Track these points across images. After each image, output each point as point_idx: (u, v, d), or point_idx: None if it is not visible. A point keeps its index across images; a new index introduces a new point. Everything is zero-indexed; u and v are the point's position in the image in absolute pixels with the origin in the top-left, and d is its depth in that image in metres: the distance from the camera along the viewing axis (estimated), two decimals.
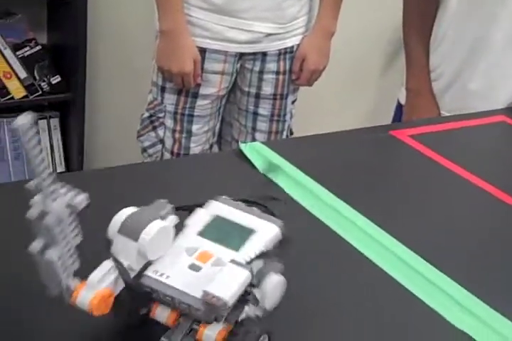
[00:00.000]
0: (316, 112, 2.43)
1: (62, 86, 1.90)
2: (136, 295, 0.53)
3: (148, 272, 0.52)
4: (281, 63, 1.68)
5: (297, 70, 1.71)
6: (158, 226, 0.51)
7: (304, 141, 1.10)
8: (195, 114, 1.66)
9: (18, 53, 1.84)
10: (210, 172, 0.93)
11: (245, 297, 0.52)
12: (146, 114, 1.71)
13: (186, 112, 1.66)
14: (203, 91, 1.63)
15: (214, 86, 1.64)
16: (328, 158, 1.02)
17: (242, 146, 0.99)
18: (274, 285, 0.53)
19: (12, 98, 1.85)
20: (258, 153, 0.98)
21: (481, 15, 1.41)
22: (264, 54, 1.65)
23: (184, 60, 1.55)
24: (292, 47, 1.68)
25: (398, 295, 0.71)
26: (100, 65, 2.06)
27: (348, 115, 2.53)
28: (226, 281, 0.50)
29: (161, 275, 0.52)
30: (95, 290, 0.50)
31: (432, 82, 1.55)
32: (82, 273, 0.52)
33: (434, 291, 0.72)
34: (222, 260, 0.53)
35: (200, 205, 0.59)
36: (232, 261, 0.52)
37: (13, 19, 1.83)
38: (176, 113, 1.66)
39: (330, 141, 1.08)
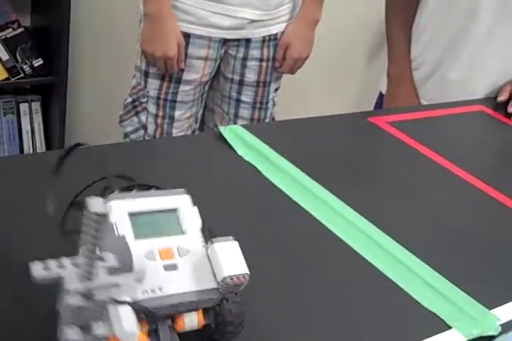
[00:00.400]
0: (298, 101, 2.43)
1: (44, 69, 1.88)
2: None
3: (140, 295, 0.49)
4: (265, 50, 1.68)
5: (280, 58, 1.70)
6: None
7: (283, 125, 1.10)
8: (178, 99, 1.65)
9: (0, 35, 1.82)
10: (189, 154, 0.93)
11: None
12: (129, 99, 1.70)
13: (169, 98, 1.65)
14: (186, 76, 1.63)
15: (197, 72, 1.63)
16: (307, 142, 1.03)
17: (222, 129, 0.99)
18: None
19: None
20: (237, 136, 0.98)
21: (462, 7, 1.42)
22: (248, 40, 1.65)
23: (168, 44, 1.54)
24: (276, 34, 1.68)
25: (371, 276, 0.72)
26: (84, 48, 2.05)
27: (331, 105, 2.53)
28: (230, 258, 0.50)
29: (153, 291, 0.49)
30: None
31: (413, 71, 1.56)
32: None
33: (407, 274, 0.73)
34: (184, 247, 0.52)
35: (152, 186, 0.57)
36: (211, 241, 0.51)
37: None
38: (158, 98, 1.65)
39: (308, 126, 1.08)
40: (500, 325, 0.66)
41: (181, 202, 0.55)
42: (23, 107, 1.96)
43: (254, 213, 0.80)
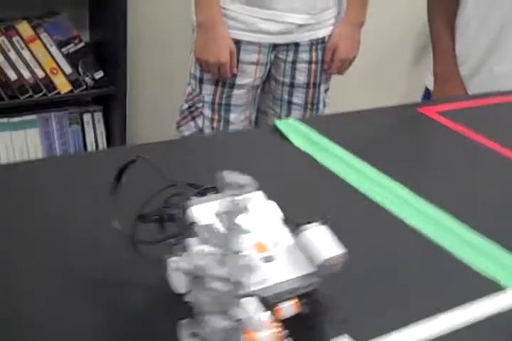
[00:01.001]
0: (346, 102, 2.44)
1: (105, 81, 1.95)
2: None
3: (253, 287, 0.50)
4: (314, 53, 1.71)
5: (329, 60, 1.73)
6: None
7: (336, 117, 1.12)
8: (232, 103, 1.69)
9: (63, 50, 1.90)
10: (247, 149, 0.96)
11: None
12: (185, 106, 1.75)
13: (223, 102, 1.69)
14: (239, 81, 1.66)
15: (249, 76, 1.67)
16: (359, 132, 1.04)
17: (277, 123, 1.01)
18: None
19: (59, 93, 1.90)
20: (293, 128, 1.01)
21: (506, 1, 1.42)
22: (297, 44, 1.68)
23: (220, 51, 1.58)
24: (323, 37, 1.71)
25: (425, 247, 0.73)
26: (141, 60, 2.11)
27: (378, 104, 2.53)
28: (324, 241, 0.51)
29: (260, 283, 0.51)
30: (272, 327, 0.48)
31: (459, 66, 1.56)
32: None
33: (459, 241, 0.74)
34: (273, 239, 0.53)
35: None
36: (301, 229, 0.52)
37: (58, 18, 1.88)
38: (213, 103, 1.69)
39: (361, 117, 1.10)
40: None
41: (257, 198, 0.56)
42: (87, 118, 2.03)
43: (319, 200, 0.82)
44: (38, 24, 1.85)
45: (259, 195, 0.57)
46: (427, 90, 1.67)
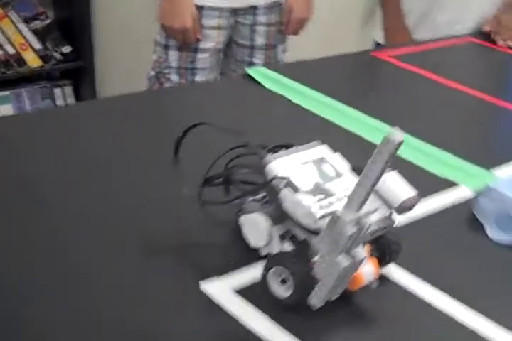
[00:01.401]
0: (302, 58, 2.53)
1: (73, 55, 2.00)
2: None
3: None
4: (271, 16, 1.78)
5: (285, 21, 1.81)
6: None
7: (300, 64, 1.21)
8: (198, 67, 1.76)
9: (31, 26, 1.94)
10: (219, 95, 1.04)
11: None
12: (152, 73, 1.81)
13: (189, 66, 1.75)
14: (202, 45, 1.73)
15: (212, 40, 1.74)
16: (323, 75, 1.14)
17: (249, 70, 1.10)
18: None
19: (29, 68, 1.95)
20: (262, 74, 1.10)
21: None
22: (255, 8, 1.75)
23: (185, 17, 1.65)
24: (279, 0, 1.78)
25: None
26: (106, 32, 2.16)
27: None
28: (399, 184, 0.53)
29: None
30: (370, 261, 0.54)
31: (405, 15, 1.66)
32: None
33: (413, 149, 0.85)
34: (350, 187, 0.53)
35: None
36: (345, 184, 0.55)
37: None
38: (179, 67, 1.76)
39: (322, 63, 1.20)
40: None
41: (324, 152, 0.59)
42: (57, 92, 2.07)
43: (304, 135, 0.91)
44: (5, 3, 1.89)
45: (325, 148, 0.59)
46: (377, 44, 1.77)
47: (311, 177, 0.55)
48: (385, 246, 0.58)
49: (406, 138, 0.44)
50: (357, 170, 0.57)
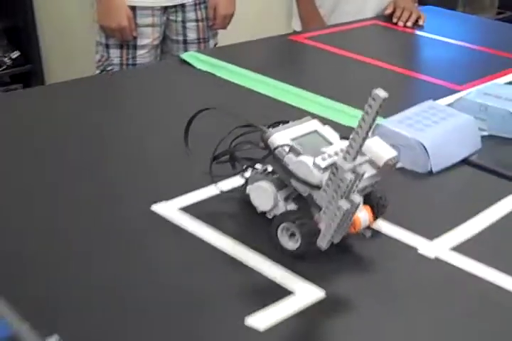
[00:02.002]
0: None
1: (22, 59, 2.04)
2: None
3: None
4: (199, 12, 1.88)
5: (212, 17, 1.90)
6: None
7: (228, 48, 1.32)
8: (138, 62, 1.84)
9: None
10: (158, 78, 1.13)
11: None
12: (97, 72, 1.88)
13: (130, 62, 1.83)
14: (140, 42, 1.82)
15: (148, 37, 1.83)
16: (246, 56, 1.25)
17: (183, 55, 1.19)
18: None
19: None
20: (194, 57, 1.19)
21: None
22: (183, 6, 1.84)
23: (120, 17, 1.73)
24: None
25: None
26: (51, 37, 2.21)
27: None
28: (381, 147, 0.61)
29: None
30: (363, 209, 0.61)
31: (318, 8, 1.78)
32: None
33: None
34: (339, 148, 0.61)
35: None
36: (331, 143, 0.63)
37: None
38: (121, 64, 1.83)
39: (246, 46, 1.31)
40: None
41: (315, 125, 0.66)
42: None
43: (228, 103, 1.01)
44: None
45: (316, 122, 0.67)
46: (294, 31, 1.88)
47: (309, 145, 0.62)
48: (373, 201, 0.65)
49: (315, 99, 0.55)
50: (345, 138, 0.62)
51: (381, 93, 0.51)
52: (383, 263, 0.63)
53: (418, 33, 1.49)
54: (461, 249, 0.65)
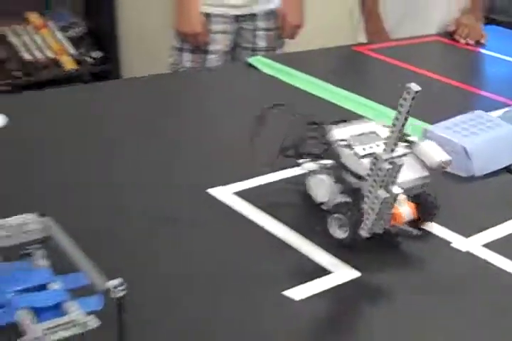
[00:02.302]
0: None
1: (102, 59, 2.16)
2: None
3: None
4: (269, 22, 1.94)
5: (281, 27, 1.96)
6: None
7: (295, 54, 1.38)
8: (208, 67, 1.91)
9: (66, 34, 2.11)
10: (226, 79, 1.19)
11: None
12: None
13: (201, 66, 1.91)
14: (211, 48, 1.90)
15: (219, 43, 1.90)
16: (310, 63, 1.30)
17: (250, 59, 1.26)
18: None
19: (65, 70, 2.11)
20: (261, 62, 1.25)
21: None
22: (255, 15, 1.91)
23: (195, 24, 1.82)
24: (274, 8, 1.94)
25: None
26: (130, 40, 2.32)
27: None
28: (435, 151, 0.66)
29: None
30: (406, 203, 0.65)
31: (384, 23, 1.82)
32: None
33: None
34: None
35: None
36: (416, 143, 0.67)
37: (60, 8, 2.10)
38: (193, 68, 1.91)
39: (312, 54, 1.37)
40: None
41: (375, 127, 0.70)
42: None
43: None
44: (45, 14, 2.06)
45: (374, 124, 0.71)
46: (359, 43, 1.92)
47: (365, 142, 0.67)
48: (424, 202, 0.68)
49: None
50: (401, 138, 0.65)
51: (414, 87, 0.55)
52: (420, 255, 0.67)
53: (479, 50, 1.51)
54: (492, 245, 0.69)
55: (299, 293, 0.59)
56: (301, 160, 0.75)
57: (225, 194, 0.75)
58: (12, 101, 1.04)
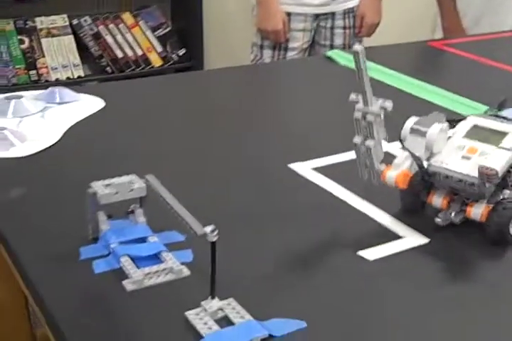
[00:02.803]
0: None
1: (186, 56, 2.25)
2: (423, 180, 0.65)
3: (432, 162, 0.64)
4: (347, 20, 1.97)
5: (359, 26, 1.98)
6: (439, 127, 0.64)
7: (374, 48, 1.39)
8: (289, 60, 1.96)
9: (155, 33, 2.21)
10: (305, 71, 1.23)
11: (506, 180, 0.63)
12: None
13: None
14: (291, 45, 1.94)
15: (298, 40, 1.95)
16: (390, 57, 1.32)
17: (328, 53, 1.29)
18: None
19: (153, 67, 2.22)
20: (339, 55, 1.28)
21: None
22: (333, 14, 1.94)
23: (276, 21, 1.87)
24: (353, 7, 1.96)
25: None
26: (213, 38, 2.41)
27: None
28: (495, 159, 0.61)
29: (442, 163, 0.64)
30: (398, 169, 0.65)
31: (461, 19, 1.80)
32: None
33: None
34: (486, 151, 0.63)
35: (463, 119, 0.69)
36: (499, 147, 0.62)
37: (150, 9, 2.21)
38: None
39: (388, 49, 1.38)
40: None
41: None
42: None
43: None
44: (136, 14, 2.18)
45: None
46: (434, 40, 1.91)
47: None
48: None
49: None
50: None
51: (357, 48, 0.58)
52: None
53: None
54: None
55: (372, 253, 0.63)
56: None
57: (304, 169, 0.79)
58: (108, 89, 1.13)
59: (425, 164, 0.65)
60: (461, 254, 0.64)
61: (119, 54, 2.18)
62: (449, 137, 0.66)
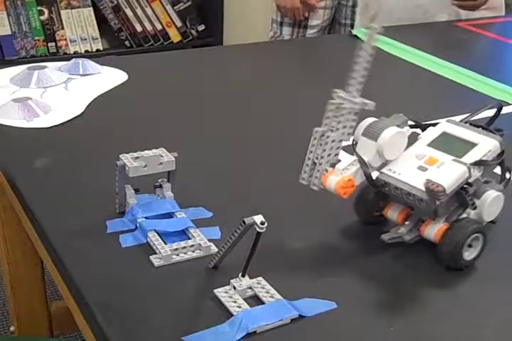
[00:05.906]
0: None
1: (206, 32, 2.21)
2: (374, 193, 0.57)
3: (384, 170, 0.56)
4: None
5: None
6: (395, 131, 0.55)
7: (395, 28, 1.35)
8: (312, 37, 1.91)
9: (175, 8, 2.16)
10: (328, 47, 1.20)
11: (463, 196, 0.53)
12: None
13: None
14: (311, 22, 1.89)
15: (319, 18, 1.90)
16: (417, 36, 1.28)
17: (353, 31, 1.25)
18: (492, 199, 0.56)
19: (172, 42, 2.18)
20: (363, 33, 1.24)
21: None
22: None
23: None
24: None
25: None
26: (232, 15, 2.36)
27: None
28: (445, 173, 0.52)
29: (394, 172, 0.55)
30: (340, 175, 0.55)
31: None
32: None
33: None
34: (444, 163, 0.54)
35: (433, 124, 0.60)
36: (454, 160, 0.54)
37: None
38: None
39: (415, 28, 1.34)
40: None
41: (486, 143, 0.56)
42: None
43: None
44: None
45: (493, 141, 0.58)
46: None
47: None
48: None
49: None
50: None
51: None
52: None
53: None
54: None
55: None
56: None
57: None
58: (130, 62, 1.10)
59: (376, 172, 0.57)
60: (407, 278, 0.55)
61: (138, 28, 2.15)
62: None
